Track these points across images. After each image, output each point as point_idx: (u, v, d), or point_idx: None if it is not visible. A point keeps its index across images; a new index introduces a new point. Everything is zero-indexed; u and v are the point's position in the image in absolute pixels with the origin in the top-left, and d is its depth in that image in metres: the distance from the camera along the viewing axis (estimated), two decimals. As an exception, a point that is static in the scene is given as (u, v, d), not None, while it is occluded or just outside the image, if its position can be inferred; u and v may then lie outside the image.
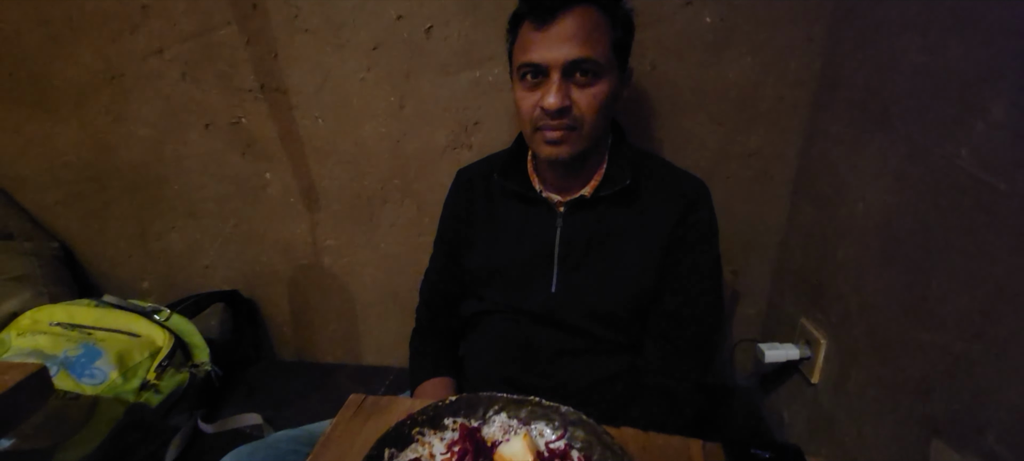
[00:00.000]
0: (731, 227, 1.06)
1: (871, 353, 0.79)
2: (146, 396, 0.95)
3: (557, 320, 0.82)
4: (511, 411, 0.58)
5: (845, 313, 0.85)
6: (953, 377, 0.62)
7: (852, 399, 0.83)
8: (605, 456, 0.53)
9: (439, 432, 0.56)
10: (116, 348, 0.98)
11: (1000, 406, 0.56)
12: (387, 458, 0.52)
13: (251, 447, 0.73)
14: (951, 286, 0.63)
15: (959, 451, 0.61)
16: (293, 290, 1.28)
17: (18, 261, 1.13)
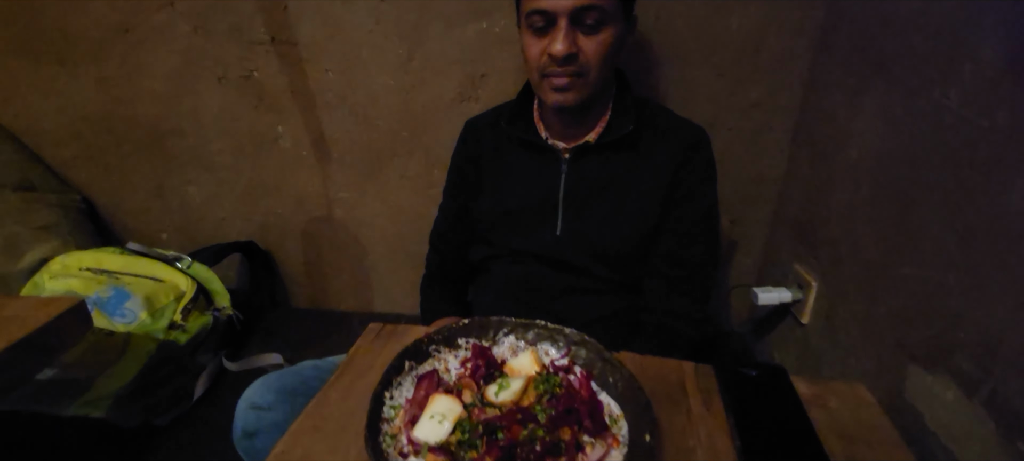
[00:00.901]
0: (731, 177, 1.10)
1: (857, 291, 0.83)
2: (174, 335, 1.02)
3: (561, 261, 0.86)
4: (519, 333, 0.63)
5: (836, 256, 0.90)
6: (929, 306, 0.67)
7: (838, 335, 0.88)
8: (605, 370, 0.58)
9: (453, 350, 0.61)
10: (144, 291, 1.04)
11: (968, 328, 0.60)
12: (407, 368, 0.57)
13: (278, 373, 0.79)
14: (932, 221, 0.67)
15: (931, 373, 0.66)
16: (306, 241, 1.33)
17: (44, 212, 1.18)
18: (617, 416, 0.54)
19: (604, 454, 0.49)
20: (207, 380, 1.03)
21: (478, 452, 0.47)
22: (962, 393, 0.61)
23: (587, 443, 0.49)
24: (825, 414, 0.59)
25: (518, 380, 0.54)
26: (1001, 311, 0.57)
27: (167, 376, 0.97)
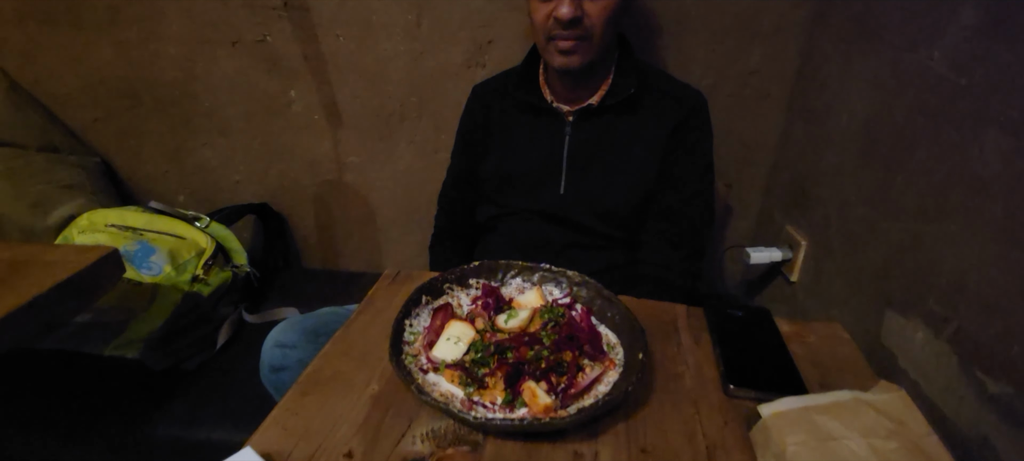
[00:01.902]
0: (728, 143, 1.14)
1: (842, 247, 0.89)
2: (198, 287, 1.07)
3: (565, 219, 0.92)
4: (525, 275, 0.69)
5: (824, 216, 0.95)
6: (906, 256, 0.72)
7: (824, 290, 0.94)
8: (603, 306, 0.64)
9: (465, 289, 0.67)
10: (167, 247, 1.09)
11: (940, 273, 0.66)
12: (424, 302, 0.63)
13: (300, 317, 0.85)
14: (913, 177, 0.72)
15: (906, 316, 0.71)
16: (318, 204, 1.37)
17: (67, 171, 1.23)
18: (614, 344, 0.59)
19: (601, 373, 0.55)
20: (229, 330, 1.10)
21: (490, 368, 0.53)
22: (931, 333, 0.67)
23: (586, 365, 0.55)
24: (803, 348, 0.64)
25: (525, 311, 0.59)
26: (968, 256, 0.62)
27: (192, 324, 1.03)
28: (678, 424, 0.52)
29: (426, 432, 0.50)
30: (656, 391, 0.56)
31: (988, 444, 0.56)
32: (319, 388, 0.55)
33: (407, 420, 0.51)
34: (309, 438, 0.49)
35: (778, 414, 0.48)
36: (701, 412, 0.54)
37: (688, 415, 0.53)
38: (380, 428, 0.50)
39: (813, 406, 0.48)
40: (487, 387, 0.52)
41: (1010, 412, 0.54)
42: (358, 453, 0.47)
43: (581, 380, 0.53)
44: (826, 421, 0.46)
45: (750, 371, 0.58)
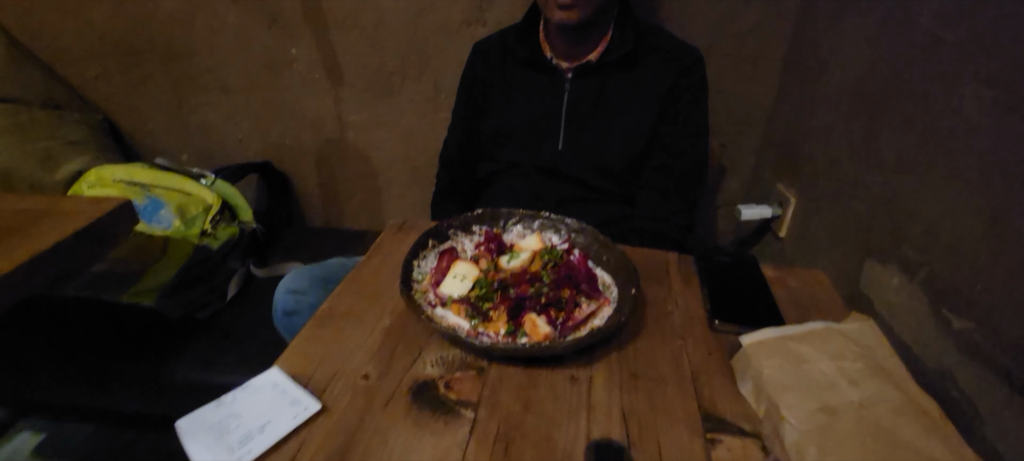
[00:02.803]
0: (723, 102, 1.16)
1: (829, 202, 0.92)
2: (207, 241, 1.11)
3: (562, 174, 0.95)
4: (526, 223, 0.72)
5: (813, 172, 0.98)
6: (887, 207, 0.76)
7: (809, 245, 0.98)
8: (600, 251, 0.68)
9: (469, 235, 0.71)
10: (175, 202, 1.12)
11: (915, 221, 0.70)
12: (430, 246, 0.66)
13: (309, 266, 0.89)
14: (897, 131, 0.75)
15: (883, 264, 0.76)
16: (321, 163, 1.40)
17: (72, 128, 1.24)
18: (609, 284, 0.63)
19: (597, 308, 0.59)
20: (239, 283, 1.14)
21: (493, 303, 0.57)
22: (905, 278, 0.71)
23: (583, 302, 0.59)
24: (785, 291, 0.69)
25: (526, 252, 0.63)
26: (943, 205, 0.66)
27: (203, 275, 1.07)
28: (666, 353, 0.57)
29: (436, 359, 0.54)
30: (647, 326, 0.61)
31: (949, 375, 0.61)
32: (335, 322, 0.59)
33: (417, 349, 0.56)
34: (328, 363, 0.53)
35: (757, 343, 0.53)
36: (688, 344, 0.59)
37: (675, 346, 0.58)
38: (393, 355, 0.55)
39: (789, 335, 0.53)
40: (491, 320, 0.56)
41: (970, 345, 0.59)
42: (374, 376, 0.52)
43: (578, 315, 0.58)
44: (800, 347, 0.51)
45: (734, 308, 0.62)
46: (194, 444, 0.42)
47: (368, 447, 0.44)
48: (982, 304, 0.58)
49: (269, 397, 0.47)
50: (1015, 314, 0.54)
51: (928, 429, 0.42)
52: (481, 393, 0.50)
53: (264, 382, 0.49)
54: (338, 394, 0.50)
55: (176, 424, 0.44)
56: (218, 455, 0.41)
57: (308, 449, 0.44)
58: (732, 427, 0.48)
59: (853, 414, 0.44)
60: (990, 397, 0.56)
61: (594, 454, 0.45)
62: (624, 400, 0.51)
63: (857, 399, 0.45)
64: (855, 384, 0.46)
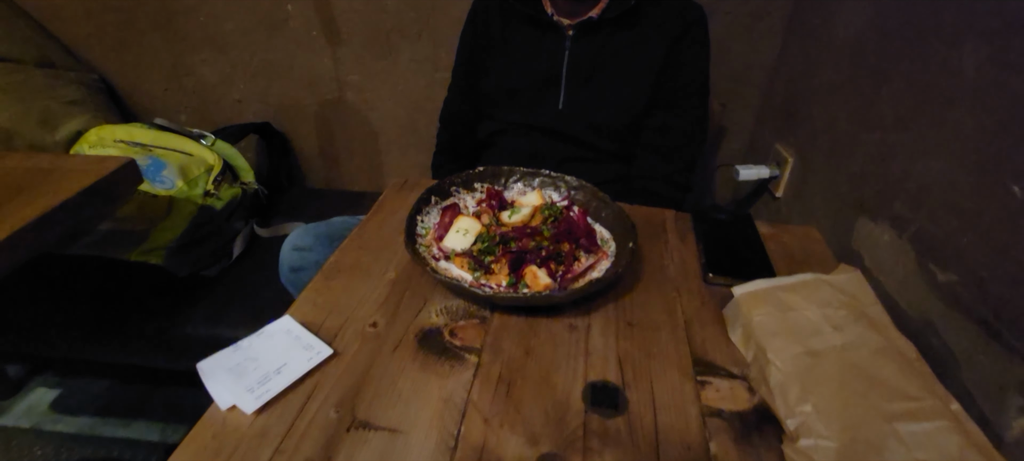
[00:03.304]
0: (725, 62, 1.15)
1: (826, 161, 0.94)
2: (210, 201, 1.12)
3: (563, 133, 0.95)
4: (526, 180, 0.74)
5: (812, 132, 0.99)
6: (881, 165, 0.77)
7: (805, 204, 1.00)
8: (599, 207, 0.69)
9: (471, 192, 0.72)
10: (177, 162, 1.13)
11: (908, 179, 0.71)
12: (433, 202, 0.68)
13: (315, 224, 0.90)
14: (896, 89, 0.75)
15: (875, 221, 0.78)
16: (320, 123, 1.39)
17: (68, 88, 1.23)
18: (607, 239, 0.65)
19: (595, 262, 0.61)
20: (243, 242, 1.16)
21: (495, 256, 0.59)
22: (895, 234, 0.73)
23: (582, 256, 0.61)
24: (779, 246, 0.71)
25: (527, 208, 0.65)
26: (935, 162, 0.67)
27: (208, 235, 1.09)
28: (661, 304, 0.59)
29: (440, 308, 0.57)
30: (643, 279, 0.63)
31: (931, 325, 0.64)
32: (342, 275, 0.61)
33: (423, 300, 0.58)
34: (338, 312, 0.55)
35: (748, 293, 0.55)
36: (682, 295, 0.61)
37: (670, 297, 0.61)
38: (399, 306, 0.57)
39: (779, 286, 0.55)
40: (493, 272, 0.58)
41: (953, 296, 0.61)
42: (382, 324, 0.54)
43: (577, 268, 0.60)
44: (789, 296, 0.53)
45: (728, 262, 0.64)
46: (215, 384, 0.45)
47: (378, 388, 0.47)
48: (966, 257, 0.60)
49: (283, 342, 0.49)
50: (996, 266, 0.56)
51: (904, 369, 0.45)
52: (484, 340, 0.53)
53: (277, 329, 0.51)
54: (348, 340, 0.52)
55: (197, 366, 0.47)
56: (238, 394, 0.44)
57: (322, 390, 0.47)
58: (721, 370, 0.51)
59: (835, 356, 0.47)
60: (966, 344, 0.59)
61: (591, 394, 0.48)
62: (620, 346, 0.53)
63: (840, 343, 0.48)
64: (839, 329, 0.49)
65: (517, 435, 0.44)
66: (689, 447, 0.43)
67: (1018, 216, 0.54)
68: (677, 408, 0.47)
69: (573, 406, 0.46)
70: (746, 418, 0.46)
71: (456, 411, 0.45)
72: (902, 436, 0.39)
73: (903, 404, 0.42)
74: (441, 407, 0.46)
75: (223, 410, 0.44)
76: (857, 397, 0.43)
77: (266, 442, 0.42)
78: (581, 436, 0.44)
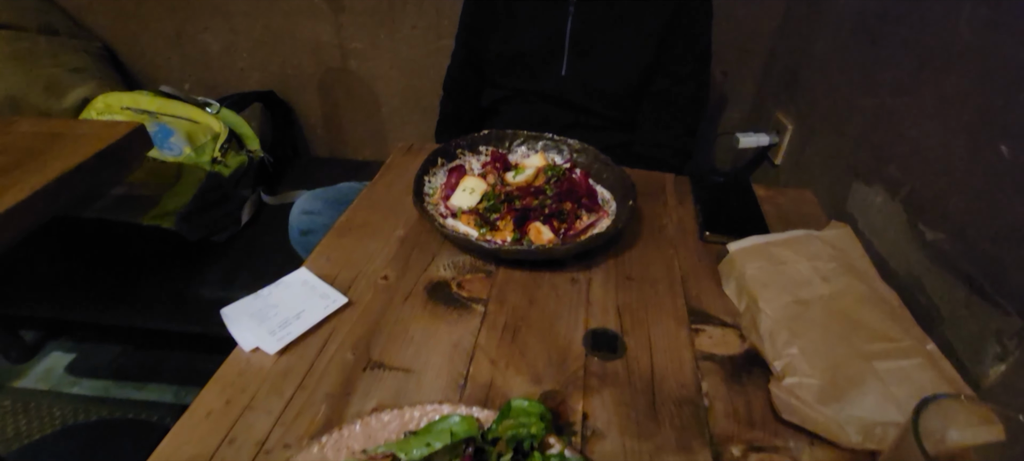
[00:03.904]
0: (728, 30, 1.15)
1: (824, 127, 0.95)
2: (218, 168, 1.14)
3: (565, 100, 0.96)
4: (530, 144, 0.75)
5: (811, 99, 1.00)
6: (877, 129, 0.79)
7: (803, 171, 1.02)
8: (600, 169, 0.71)
9: (475, 155, 0.74)
10: (184, 130, 1.14)
11: (903, 143, 0.73)
12: (439, 164, 0.70)
13: (323, 189, 0.92)
14: (895, 53, 0.76)
15: (869, 184, 0.80)
16: (323, 92, 1.40)
17: (72, 55, 1.24)
18: (608, 199, 0.68)
19: (596, 220, 0.63)
20: (251, 209, 1.18)
21: (500, 213, 0.61)
22: (888, 197, 0.75)
23: (583, 215, 0.64)
24: (774, 207, 0.73)
25: (531, 168, 0.67)
26: (929, 125, 0.68)
27: (217, 201, 1.11)
28: (659, 260, 0.62)
29: (448, 263, 0.59)
30: (642, 237, 0.65)
31: (918, 283, 0.67)
32: (353, 232, 0.64)
33: (431, 255, 0.60)
34: (350, 266, 0.58)
35: (743, 249, 0.58)
36: (679, 252, 0.64)
37: (668, 254, 0.63)
38: (408, 261, 0.60)
39: (772, 241, 0.58)
40: (498, 229, 0.61)
41: (940, 254, 0.64)
42: (392, 277, 0.57)
43: (578, 226, 0.62)
44: (781, 251, 0.56)
45: (724, 221, 0.67)
46: (238, 328, 0.48)
47: (391, 334, 0.50)
48: (954, 216, 0.62)
49: (300, 292, 0.52)
50: (983, 224, 0.58)
51: (886, 314, 0.48)
52: (490, 292, 0.56)
53: (294, 280, 0.54)
54: (361, 291, 0.55)
55: (221, 311, 0.50)
56: (261, 337, 0.47)
57: (338, 335, 0.50)
58: (715, 319, 0.54)
59: (822, 305, 0.49)
60: (951, 300, 0.62)
61: (591, 340, 0.51)
62: (619, 298, 0.56)
63: (827, 293, 0.50)
64: (827, 280, 0.52)
65: (522, 375, 0.47)
66: (683, 385, 0.47)
67: (1005, 175, 0.56)
68: (672, 352, 0.50)
69: (574, 350, 0.49)
70: (736, 361, 0.49)
71: (464, 354, 0.48)
72: (880, 373, 0.42)
73: (882, 345, 0.44)
74: (450, 350, 0.49)
75: (247, 351, 0.47)
76: (840, 340, 0.45)
77: (289, 379, 0.45)
78: (582, 376, 0.47)
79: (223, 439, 0.40)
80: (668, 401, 0.45)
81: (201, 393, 0.43)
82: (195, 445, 0.39)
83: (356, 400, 0.43)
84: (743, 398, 0.46)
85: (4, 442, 1.18)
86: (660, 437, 0.42)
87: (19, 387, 1.31)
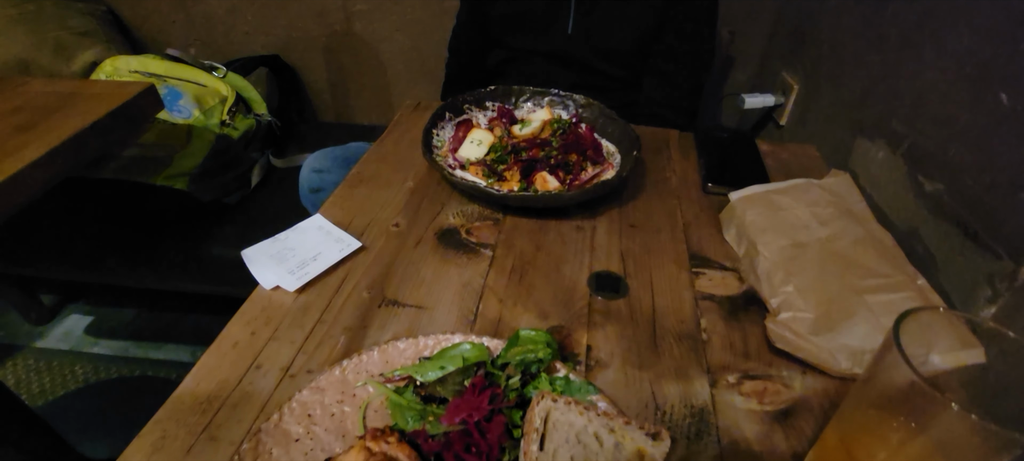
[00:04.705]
0: (735, -12, 1.14)
1: (829, 84, 0.95)
2: (227, 131, 1.15)
3: (571, 59, 0.96)
4: (536, 99, 0.76)
5: (817, 56, 0.99)
6: (881, 85, 0.79)
7: (807, 130, 1.02)
8: (606, 123, 0.72)
9: (482, 110, 0.75)
10: (192, 93, 1.15)
11: (906, 95, 0.73)
12: (447, 118, 0.71)
13: (330, 149, 0.94)
14: (900, 8, 0.76)
15: (871, 140, 0.80)
16: (329, 56, 1.40)
17: (79, 18, 1.24)
18: (612, 151, 0.69)
19: (601, 171, 0.65)
20: (260, 172, 1.20)
21: (507, 164, 0.63)
22: (890, 151, 0.76)
23: (588, 167, 0.65)
24: (777, 161, 0.74)
25: (537, 121, 0.68)
26: (932, 78, 0.69)
27: (228, 163, 1.13)
28: (662, 210, 0.64)
29: (457, 212, 0.61)
30: (646, 189, 0.67)
31: (916, 233, 0.68)
32: (364, 183, 0.66)
33: (440, 204, 0.62)
34: (362, 214, 0.60)
35: (743, 197, 0.59)
36: (682, 203, 0.65)
37: (671, 204, 0.65)
38: (419, 210, 0.62)
39: (772, 190, 0.59)
40: (505, 180, 0.62)
41: (937, 204, 0.65)
42: (403, 225, 0.59)
43: (583, 177, 0.64)
44: (780, 198, 0.57)
45: (726, 173, 0.68)
46: (259, 268, 0.50)
47: (404, 275, 0.52)
48: (952, 166, 0.64)
49: (316, 236, 0.54)
50: (979, 171, 0.59)
51: (881, 254, 0.50)
52: (498, 238, 0.58)
53: (310, 226, 0.56)
54: (374, 237, 0.57)
55: (242, 253, 0.52)
56: (281, 276, 0.49)
57: (354, 276, 0.52)
58: (715, 264, 0.56)
59: (819, 247, 0.51)
60: (946, 247, 0.63)
61: (595, 281, 0.53)
62: (623, 244, 0.58)
63: (824, 235, 0.52)
64: (824, 225, 0.53)
65: (529, 312, 0.49)
66: (682, 322, 0.49)
67: (1003, 122, 0.57)
68: (673, 293, 0.52)
69: (579, 290, 0.52)
70: (734, 301, 0.51)
71: (474, 293, 0.51)
72: (871, 305, 0.44)
73: (875, 280, 0.46)
74: (460, 289, 0.51)
75: (268, 289, 0.49)
76: (834, 278, 0.47)
77: (309, 314, 0.47)
78: (586, 313, 0.49)
79: (250, 365, 0.43)
80: (668, 335, 0.47)
81: (226, 327, 0.46)
82: (225, 370, 0.42)
83: (373, 333, 0.46)
84: (740, 333, 0.48)
85: (30, 397, 1.23)
86: (660, 366, 0.45)
87: (41, 347, 1.36)
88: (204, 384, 0.41)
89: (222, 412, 0.39)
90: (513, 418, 0.36)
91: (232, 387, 0.41)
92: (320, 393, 0.39)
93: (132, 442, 0.37)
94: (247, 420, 0.38)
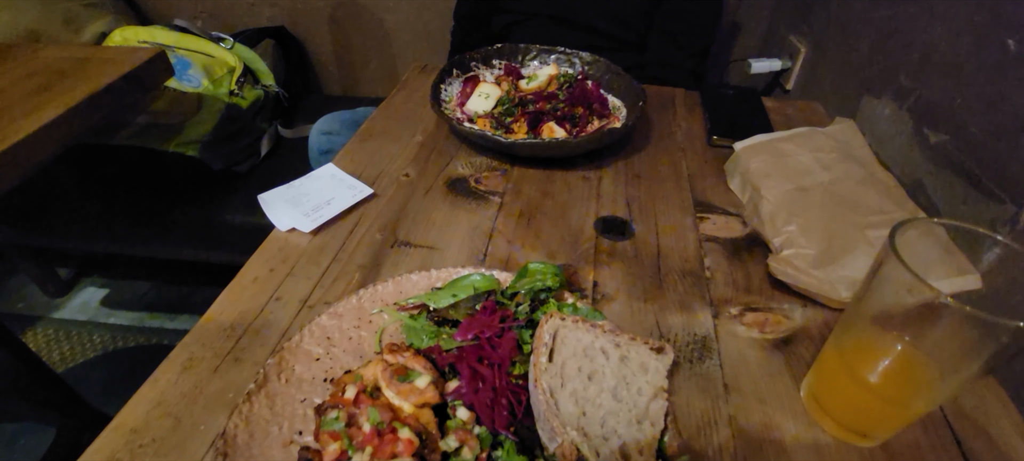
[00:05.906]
0: (742, -50, 1.13)
1: (836, 45, 0.95)
2: (236, 101, 1.16)
3: (577, 21, 0.96)
4: (542, 57, 0.77)
5: (825, 17, 0.99)
6: (889, 40, 0.79)
7: (813, 92, 1.02)
8: (611, 80, 0.73)
9: (489, 68, 0.76)
10: (201, 63, 1.16)
11: (913, 49, 0.73)
12: (454, 75, 0.72)
13: (339, 113, 0.95)
14: (910, -39, 0.76)
15: (878, 97, 0.80)
16: (335, 28, 1.40)
17: (86, -10, 1.25)
18: (618, 106, 0.70)
19: (607, 123, 0.65)
20: (269, 141, 1.21)
21: (515, 117, 0.63)
22: (896, 107, 0.76)
23: (595, 119, 0.66)
24: (782, 117, 0.75)
25: (543, 76, 0.69)
26: (939, 30, 0.69)
27: (237, 132, 1.14)
28: (667, 161, 0.64)
29: (465, 162, 0.62)
30: (651, 142, 0.68)
31: (921, 185, 0.69)
32: (374, 137, 0.67)
33: (449, 156, 0.64)
34: (373, 166, 0.61)
35: (748, 146, 0.60)
36: (687, 155, 0.66)
37: (676, 157, 0.66)
38: (428, 161, 0.63)
39: (776, 138, 0.60)
40: (513, 132, 0.63)
41: (942, 155, 0.66)
42: (413, 174, 0.60)
43: (590, 129, 0.64)
44: (785, 145, 0.58)
45: (731, 126, 0.69)
46: (275, 211, 0.52)
47: (415, 219, 0.54)
48: (957, 116, 0.64)
49: (329, 183, 0.56)
50: (983, 118, 0.60)
51: (882, 193, 0.50)
52: (506, 186, 0.59)
53: (323, 173, 0.57)
54: (385, 186, 0.58)
55: (258, 197, 0.54)
56: (296, 218, 0.51)
57: (366, 220, 0.53)
58: (719, 209, 0.57)
59: (822, 190, 0.52)
60: (950, 197, 0.64)
61: (602, 225, 0.54)
62: (628, 192, 0.59)
63: (827, 179, 0.53)
64: (827, 169, 0.54)
65: (537, 252, 0.50)
66: (687, 261, 0.50)
67: (1009, 68, 0.57)
68: (678, 235, 0.53)
69: (586, 233, 0.53)
70: (738, 242, 0.53)
71: (483, 235, 0.52)
72: (871, 239, 0.45)
73: (876, 217, 0.47)
74: (470, 231, 0.52)
75: (284, 231, 0.51)
76: (836, 217, 0.48)
77: (324, 254, 0.49)
78: (593, 254, 0.51)
79: (270, 297, 0.44)
80: (672, 273, 0.49)
81: (246, 265, 0.48)
82: (246, 302, 0.44)
83: (386, 270, 0.48)
84: (743, 271, 0.49)
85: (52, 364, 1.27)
86: (664, 300, 0.46)
87: (59, 318, 1.40)
88: (227, 313, 0.43)
89: (245, 337, 0.41)
90: (523, 336, 0.37)
91: (254, 316, 0.43)
92: (338, 318, 0.40)
93: (161, 364, 0.39)
94: (269, 344, 0.40)
